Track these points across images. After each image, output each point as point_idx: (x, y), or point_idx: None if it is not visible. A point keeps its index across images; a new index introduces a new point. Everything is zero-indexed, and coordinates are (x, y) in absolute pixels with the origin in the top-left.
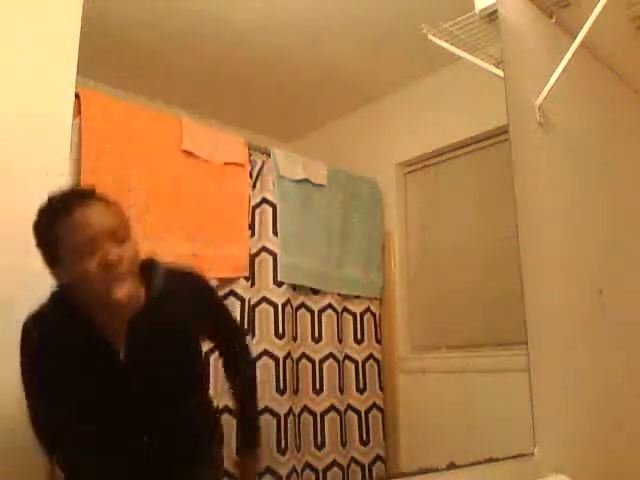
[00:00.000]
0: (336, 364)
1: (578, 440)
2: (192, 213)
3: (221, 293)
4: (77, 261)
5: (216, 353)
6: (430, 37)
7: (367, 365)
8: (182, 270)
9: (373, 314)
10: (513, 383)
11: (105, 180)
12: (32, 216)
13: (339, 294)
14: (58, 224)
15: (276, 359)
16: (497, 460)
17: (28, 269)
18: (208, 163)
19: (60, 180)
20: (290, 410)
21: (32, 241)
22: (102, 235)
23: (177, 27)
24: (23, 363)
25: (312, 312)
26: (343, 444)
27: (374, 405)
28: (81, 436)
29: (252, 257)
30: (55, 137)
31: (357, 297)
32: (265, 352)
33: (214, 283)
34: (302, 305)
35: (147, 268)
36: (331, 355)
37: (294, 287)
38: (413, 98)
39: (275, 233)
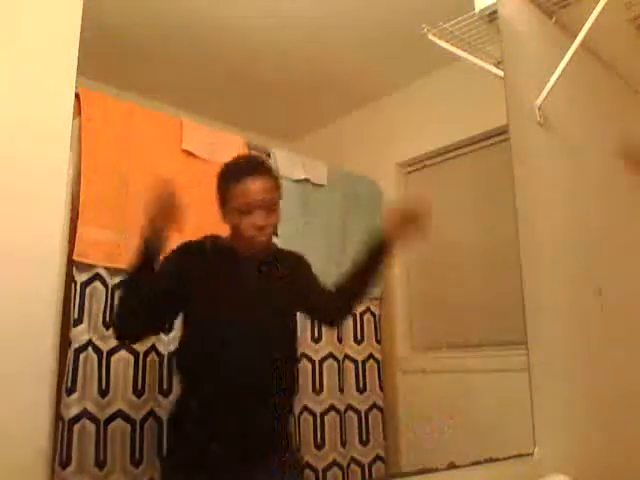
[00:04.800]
0: (336, 364)
1: (578, 440)
2: (192, 213)
3: None
4: (236, 217)
5: None
6: (430, 37)
7: (367, 365)
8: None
9: (373, 314)
10: (513, 383)
11: (105, 180)
12: (32, 218)
13: None
14: (230, 187)
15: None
16: (497, 460)
17: (28, 275)
18: (208, 163)
19: (60, 180)
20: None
21: (31, 245)
22: (256, 204)
23: (177, 27)
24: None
25: None
26: (343, 444)
27: (374, 405)
28: None
29: None
30: (55, 137)
31: None
32: None
33: None
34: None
35: None
36: (331, 355)
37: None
38: (413, 98)
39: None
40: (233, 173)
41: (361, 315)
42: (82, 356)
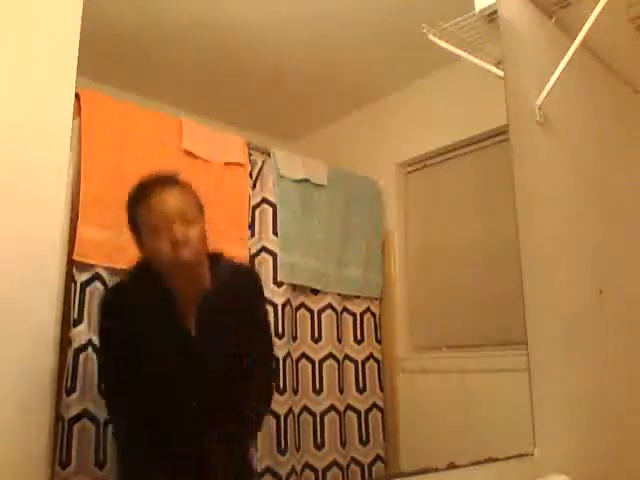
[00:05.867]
0: (336, 364)
1: (578, 440)
2: None
3: None
4: (151, 238)
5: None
6: (430, 37)
7: (367, 365)
8: (244, 266)
9: (373, 314)
10: (513, 383)
11: (105, 180)
12: (32, 218)
13: (339, 294)
14: (139, 206)
15: (276, 359)
16: (497, 460)
17: (28, 274)
18: (208, 163)
19: (60, 180)
20: (290, 410)
21: (31, 245)
22: (171, 217)
23: (177, 27)
24: (102, 327)
25: (312, 312)
26: (343, 444)
27: (374, 405)
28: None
29: (252, 257)
30: (55, 137)
31: (357, 297)
32: None
33: None
34: (302, 305)
35: (214, 259)
36: (331, 355)
37: (294, 287)
38: (413, 98)
39: (275, 233)
40: (141, 190)
41: (361, 315)
42: (82, 356)
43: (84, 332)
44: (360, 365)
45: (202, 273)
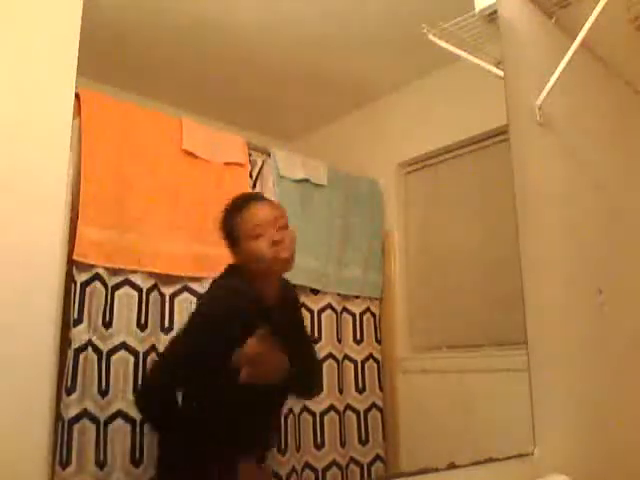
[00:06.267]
0: (335, 364)
1: (578, 440)
2: (192, 213)
3: None
4: (251, 242)
5: None
6: (430, 37)
7: (367, 365)
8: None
9: (373, 314)
10: (513, 383)
11: (105, 180)
12: (32, 218)
13: (339, 294)
14: (235, 217)
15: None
16: (497, 460)
17: (28, 275)
18: (208, 163)
19: (60, 180)
20: (290, 410)
21: (31, 244)
22: (267, 222)
23: (177, 27)
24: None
25: (312, 312)
26: (342, 444)
27: (373, 405)
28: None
29: None
30: (55, 137)
31: (357, 297)
32: None
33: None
34: (302, 305)
35: None
36: (330, 355)
37: (294, 287)
38: (413, 98)
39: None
40: (235, 205)
41: (361, 315)
42: (82, 356)
43: (84, 332)
44: (360, 365)
45: (279, 278)
